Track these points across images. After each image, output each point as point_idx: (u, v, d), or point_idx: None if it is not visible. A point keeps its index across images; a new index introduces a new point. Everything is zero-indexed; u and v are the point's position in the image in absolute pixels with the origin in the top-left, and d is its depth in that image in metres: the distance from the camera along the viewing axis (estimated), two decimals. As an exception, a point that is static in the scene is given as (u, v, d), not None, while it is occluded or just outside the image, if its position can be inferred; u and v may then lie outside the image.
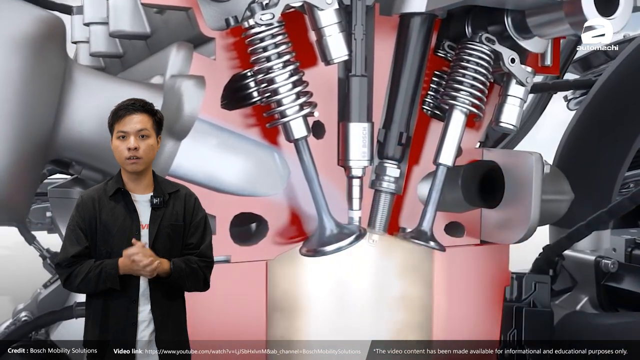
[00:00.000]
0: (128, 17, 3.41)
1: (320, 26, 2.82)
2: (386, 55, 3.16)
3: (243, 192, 3.00)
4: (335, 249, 2.83)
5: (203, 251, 2.16)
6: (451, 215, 3.40)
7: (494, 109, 3.27)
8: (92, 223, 2.08)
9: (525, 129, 5.43)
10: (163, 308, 2.11)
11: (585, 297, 4.26)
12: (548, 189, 3.31)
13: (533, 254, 4.12)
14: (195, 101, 2.46)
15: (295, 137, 2.83)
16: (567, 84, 5.00)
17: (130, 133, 2.05)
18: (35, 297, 5.24)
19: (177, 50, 2.61)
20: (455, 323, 3.36)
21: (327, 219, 2.87)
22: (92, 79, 2.48)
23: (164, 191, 2.15)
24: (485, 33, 3.10)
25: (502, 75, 3.29)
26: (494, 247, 3.46)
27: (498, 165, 3.34)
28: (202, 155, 2.90)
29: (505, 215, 3.29)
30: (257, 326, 2.95)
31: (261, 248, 3.00)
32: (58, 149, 2.46)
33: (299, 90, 2.80)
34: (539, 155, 3.17)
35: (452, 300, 3.39)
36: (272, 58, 2.75)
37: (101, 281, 2.05)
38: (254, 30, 2.71)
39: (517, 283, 3.76)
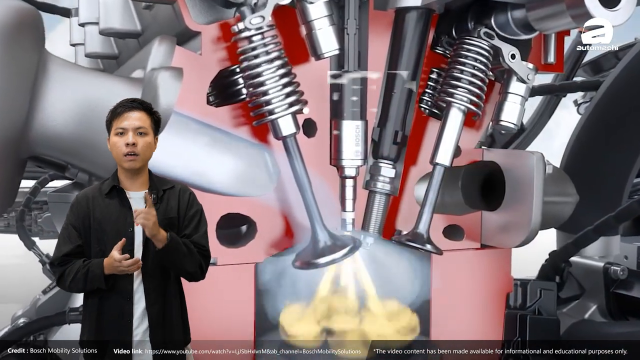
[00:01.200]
0: (118, 15, 3.35)
1: (309, 19, 2.72)
2: (381, 51, 3.05)
3: (232, 192, 2.91)
4: (329, 262, 2.73)
5: (197, 240, 2.14)
6: (450, 218, 3.28)
7: (494, 107, 3.15)
8: (86, 221, 2.09)
9: (534, 132, 5.30)
10: (157, 306, 2.10)
11: (594, 305, 4.10)
12: (551, 190, 3.18)
13: (541, 261, 3.99)
14: (171, 93, 2.37)
15: (284, 135, 2.73)
16: (574, 85, 4.87)
17: (129, 129, 2.06)
18: (35, 303, 5.21)
19: (158, 44, 2.53)
20: (454, 330, 3.22)
21: (321, 230, 2.76)
22: (69, 71, 2.39)
23: (159, 187, 2.15)
24: (484, 28, 2.99)
25: (502, 72, 3.17)
26: (495, 252, 3.33)
27: (499, 166, 3.21)
28: (190, 153, 2.82)
29: (506, 217, 3.17)
30: (244, 330, 2.85)
31: (249, 250, 2.90)
32: (31, 145, 2.37)
33: (286, 82, 2.70)
34: (540, 154, 3.05)
35: (451, 307, 3.25)
36: (261, 56, 2.66)
37: (88, 281, 2.05)
38: (244, 35, 2.62)
39: (521, 290, 3.63)
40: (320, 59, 2.77)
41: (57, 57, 2.40)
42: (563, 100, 5.37)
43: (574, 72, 5.17)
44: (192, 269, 2.14)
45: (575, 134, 4.29)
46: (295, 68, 2.91)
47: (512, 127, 3.13)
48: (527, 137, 5.27)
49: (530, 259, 4.13)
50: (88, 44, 3.97)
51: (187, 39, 2.90)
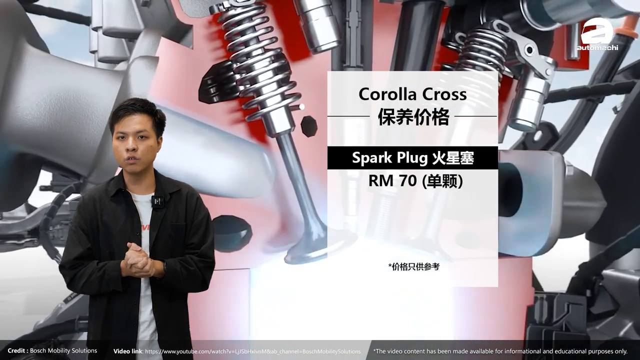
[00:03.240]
0: (121, 15, 3.30)
1: (305, 10, 2.59)
2: (387, 46, 2.89)
3: (230, 194, 2.78)
4: (322, 255, 2.56)
5: (204, 251, 2.15)
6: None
7: (511, 105, 2.94)
8: (94, 223, 2.09)
9: (569, 140, 5.01)
10: (164, 308, 2.11)
11: (630, 322, 3.81)
12: (574, 195, 2.95)
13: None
14: (143, 82, 2.26)
15: (277, 131, 2.59)
16: (608, 88, 4.58)
17: (129, 134, 2.05)
18: (56, 312, 5.20)
19: (142, 36, 2.45)
20: (467, 346, 3.00)
21: (314, 222, 2.62)
22: (46, 64, 2.31)
23: (165, 191, 2.15)
24: (498, 20, 2.80)
25: (519, 67, 2.97)
26: (513, 261, 3.09)
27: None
28: (186, 154, 2.73)
29: (523, 223, 2.94)
30: (239, 337, 2.70)
31: (244, 255, 2.75)
32: (5, 140, 2.28)
33: (276, 67, 2.57)
34: (559, 155, 2.82)
35: (464, 321, 3.03)
36: (251, 43, 2.54)
37: (104, 283, 2.06)
38: (230, 13, 2.51)
39: (547, 304, 3.40)
40: (317, 52, 2.63)
41: (34, 49, 2.31)
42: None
43: (612, 75, 4.88)
44: (192, 289, 2.17)
45: (608, 138, 4.02)
46: (296, 64, 2.80)
47: (529, 127, 2.92)
48: (563, 144, 4.99)
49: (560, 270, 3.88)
50: (101, 48, 3.94)
51: (183, 34, 2.80)
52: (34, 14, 5.27)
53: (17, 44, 2.26)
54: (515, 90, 2.98)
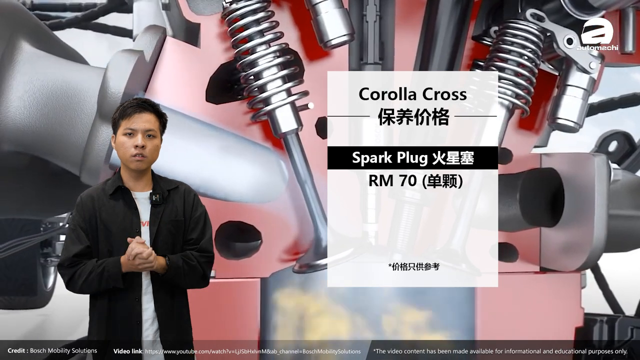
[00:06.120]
0: (150, 20, 3.28)
1: (314, 2, 2.44)
2: (411, 41, 2.69)
3: (243, 199, 2.67)
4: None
5: (203, 246, 2.14)
6: (501, 235, 2.78)
7: (550, 103, 2.67)
8: (93, 222, 2.08)
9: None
10: (167, 305, 2.09)
11: None
12: (625, 203, 2.65)
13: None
14: (119, 76, 2.17)
15: (283, 131, 2.45)
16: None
17: (139, 131, 2.04)
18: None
19: (143, 32, 2.38)
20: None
21: (322, 227, 2.45)
22: (40, 62, 2.27)
23: (164, 188, 2.14)
24: (533, 9, 2.55)
25: (561, 62, 2.69)
26: (558, 277, 2.78)
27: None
28: (201, 159, 2.65)
29: (565, 234, 2.64)
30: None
31: (254, 263, 2.60)
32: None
33: (281, 62, 2.44)
34: (604, 156, 2.52)
35: (502, 343, 2.73)
36: (254, 37, 2.42)
37: (104, 280, 2.03)
38: (233, 7, 2.40)
39: (607, 327, 3.07)
40: (328, 48, 2.47)
41: (30, 47, 2.29)
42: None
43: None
44: (194, 285, 2.14)
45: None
46: (311, 63, 2.65)
47: (572, 126, 2.63)
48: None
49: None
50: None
51: (196, 34, 2.73)
52: (79, 29, 5.44)
53: (11, 41, 2.23)
54: (556, 86, 2.71)
